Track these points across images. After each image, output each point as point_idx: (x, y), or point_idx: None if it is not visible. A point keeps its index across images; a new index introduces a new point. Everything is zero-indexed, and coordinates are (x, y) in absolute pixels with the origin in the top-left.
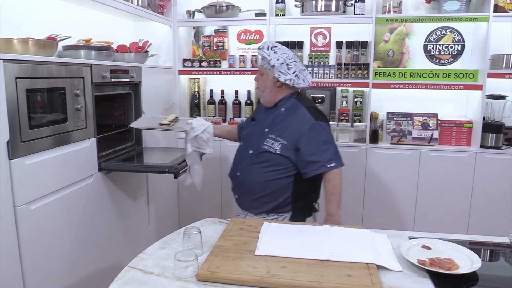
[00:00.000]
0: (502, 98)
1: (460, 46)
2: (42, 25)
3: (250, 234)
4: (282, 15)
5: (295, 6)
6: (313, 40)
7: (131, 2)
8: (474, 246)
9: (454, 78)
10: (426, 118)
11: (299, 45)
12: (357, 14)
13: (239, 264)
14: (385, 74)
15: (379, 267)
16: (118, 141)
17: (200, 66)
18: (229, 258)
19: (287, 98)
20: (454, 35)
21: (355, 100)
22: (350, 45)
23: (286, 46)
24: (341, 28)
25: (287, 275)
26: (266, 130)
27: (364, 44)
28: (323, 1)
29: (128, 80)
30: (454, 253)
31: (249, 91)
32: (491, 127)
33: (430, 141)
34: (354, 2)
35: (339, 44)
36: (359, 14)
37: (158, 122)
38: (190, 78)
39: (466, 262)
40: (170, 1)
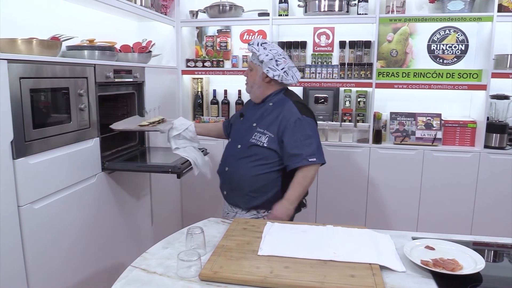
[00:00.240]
0: (506, 98)
1: (464, 46)
2: (46, 25)
3: (253, 234)
4: (285, 15)
5: (298, 6)
6: (316, 40)
7: (135, 2)
8: (478, 247)
9: (458, 78)
10: (430, 118)
11: (302, 45)
12: (360, 14)
13: (242, 264)
14: (388, 74)
15: (382, 268)
16: (122, 141)
17: (203, 66)
18: (232, 258)
19: (276, 93)
20: (458, 35)
21: (358, 100)
22: (354, 45)
23: (289, 46)
24: (344, 28)
25: (290, 275)
26: (254, 124)
27: (367, 44)
28: (326, 1)
29: (131, 80)
30: (458, 253)
31: None
32: (495, 127)
33: (433, 141)
34: (358, 2)
35: (342, 44)
36: (363, 14)
37: (138, 123)
38: (193, 78)
39: (470, 263)
40: (173, 1)
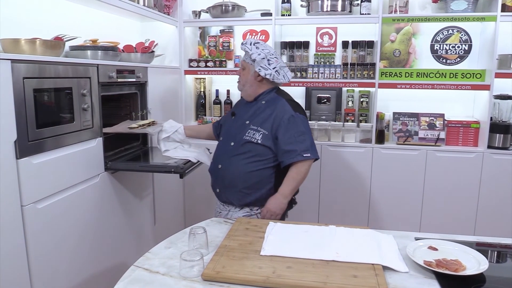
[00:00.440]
0: (509, 98)
1: (467, 46)
2: (49, 25)
3: (256, 234)
4: (288, 15)
5: (301, 6)
6: (319, 40)
7: (138, 3)
8: (481, 248)
9: (461, 78)
10: (433, 118)
11: (305, 45)
12: (363, 14)
13: (245, 264)
14: (391, 74)
15: (385, 268)
16: (124, 140)
17: (206, 66)
18: (234, 258)
19: (268, 92)
20: (461, 35)
21: (361, 100)
22: (356, 45)
23: (292, 46)
24: (347, 28)
25: (293, 275)
26: (247, 122)
27: (370, 44)
28: (329, 1)
29: (134, 80)
30: (461, 254)
31: None
32: (499, 128)
33: (436, 141)
34: (360, 2)
35: (345, 44)
36: (365, 14)
37: (128, 126)
38: (196, 78)
39: (473, 263)
40: (176, 1)
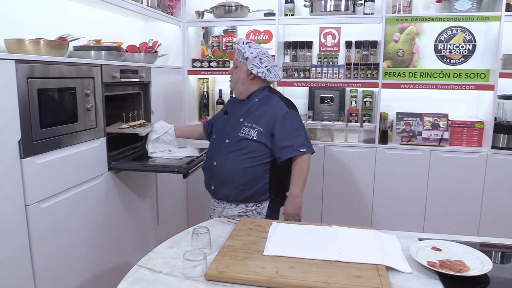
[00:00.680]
0: None
1: (471, 45)
2: (53, 25)
3: (259, 234)
4: (291, 15)
5: (304, 6)
6: (322, 40)
7: (141, 3)
8: (485, 248)
9: (465, 78)
10: (437, 118)
11: (308, 45)
12: (366, 14)
13: (248, 264)
14: (395, 74)
15: (388, 269)
16: (128, 140)
17: (209, 66)
18: (237, 258)
19: (260, 90)
20: (465, 35)
21: (365, 100)
22: (360, 45)
23: (295, 46)
24: (350, 28)
25: (296, 276)
26: (241, 119)
27: (373, 44)
28: (333, 0)
29: (137, 80)
30: (465, 255)
31: None
32: (503, 128)
33: (440, 141)
34: (364, 2)
35: (349, 44)
36: (369, 14)
37: (118, 127)
38: (199, 78)
39: (477, 264)
40: (180, 1)
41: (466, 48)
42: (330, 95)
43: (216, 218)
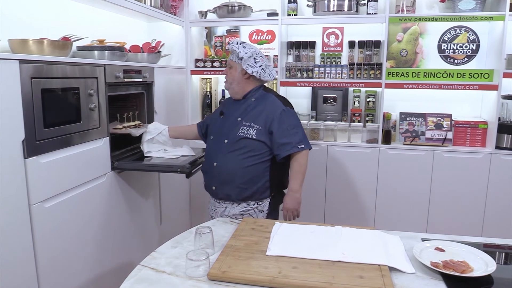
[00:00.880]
0: None
1: (475, 45)
2: (57, 26)
3: (261, 234)
4: (294, 15)
5: (307, 6)
6: (325, 40)
7: (144, 3)
8: (489, 249)
9: (469, 78)
10: (440, 118)
11: (311, 45)
12: (370, 14)
13: (250, 264)
14: (398, 74)
15: (392, 269)
16: (131, 140)
17: (212, 66)
18: (240, 258)
19: (256, 90)
20: (469, 35)
21: (368, 100)
22: (363, 45)
23: (298, 46)
24: (353, 27)
25: (299, 276)
26: (239, 119)
27: (377, 43)
28: (336, 0)
29: (141, 80)
30: (468, 255)
31: None
32: (507, 128)
33: (443, 141)
34: (367, 2)
35: (352, 44)
36: (372, 14)
37: (113, 127)
38: (202, 78)
39: (481, 265)
40: (183, 1)
41: (470, 48)
42: (333, 95)
43: (218, 218)
